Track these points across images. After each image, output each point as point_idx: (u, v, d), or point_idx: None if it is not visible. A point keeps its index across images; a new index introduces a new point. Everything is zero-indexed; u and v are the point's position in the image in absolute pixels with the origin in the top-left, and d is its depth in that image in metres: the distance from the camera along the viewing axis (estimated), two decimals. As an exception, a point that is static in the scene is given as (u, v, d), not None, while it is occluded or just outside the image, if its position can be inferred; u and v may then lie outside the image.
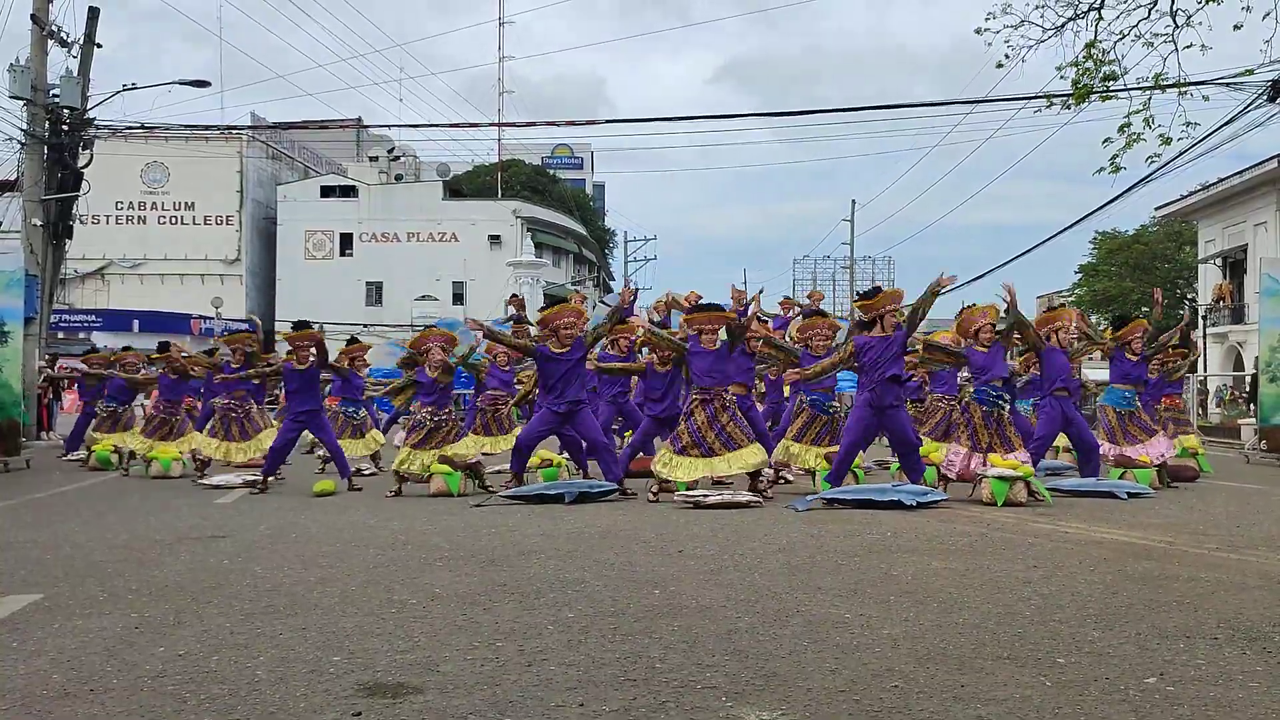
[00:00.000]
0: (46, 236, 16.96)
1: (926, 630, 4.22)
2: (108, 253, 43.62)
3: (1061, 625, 4.31)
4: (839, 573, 5.53)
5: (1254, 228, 30.51)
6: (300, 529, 7.43)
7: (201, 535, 7.10)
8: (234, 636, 4.17)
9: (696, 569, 5.66)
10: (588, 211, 56.70)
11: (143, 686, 3.52)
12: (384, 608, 4.69)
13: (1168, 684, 3.49)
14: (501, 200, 47.29)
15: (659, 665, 3.72)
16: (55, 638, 4.19)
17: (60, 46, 17.29)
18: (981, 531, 7.16)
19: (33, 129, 16.91)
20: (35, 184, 16.90)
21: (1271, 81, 14.69)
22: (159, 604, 4.81)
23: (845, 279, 57.81)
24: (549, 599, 4.87)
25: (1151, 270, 41.16)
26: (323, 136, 48.89)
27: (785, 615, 4.50)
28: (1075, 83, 10.54)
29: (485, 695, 3.40)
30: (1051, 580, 5.30)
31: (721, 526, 7.41)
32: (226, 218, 45.30)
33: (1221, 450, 17.37)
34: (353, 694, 3.42)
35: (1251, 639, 4.08)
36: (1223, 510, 8.63)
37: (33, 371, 16.67)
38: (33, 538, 7.15)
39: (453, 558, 6.09)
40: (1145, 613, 4.55)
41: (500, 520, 7.85)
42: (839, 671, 3.64)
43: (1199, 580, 5.32)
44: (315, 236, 46.36)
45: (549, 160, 58.96)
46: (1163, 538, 6.86)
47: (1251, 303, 28.30)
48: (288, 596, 4.96)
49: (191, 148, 41.63)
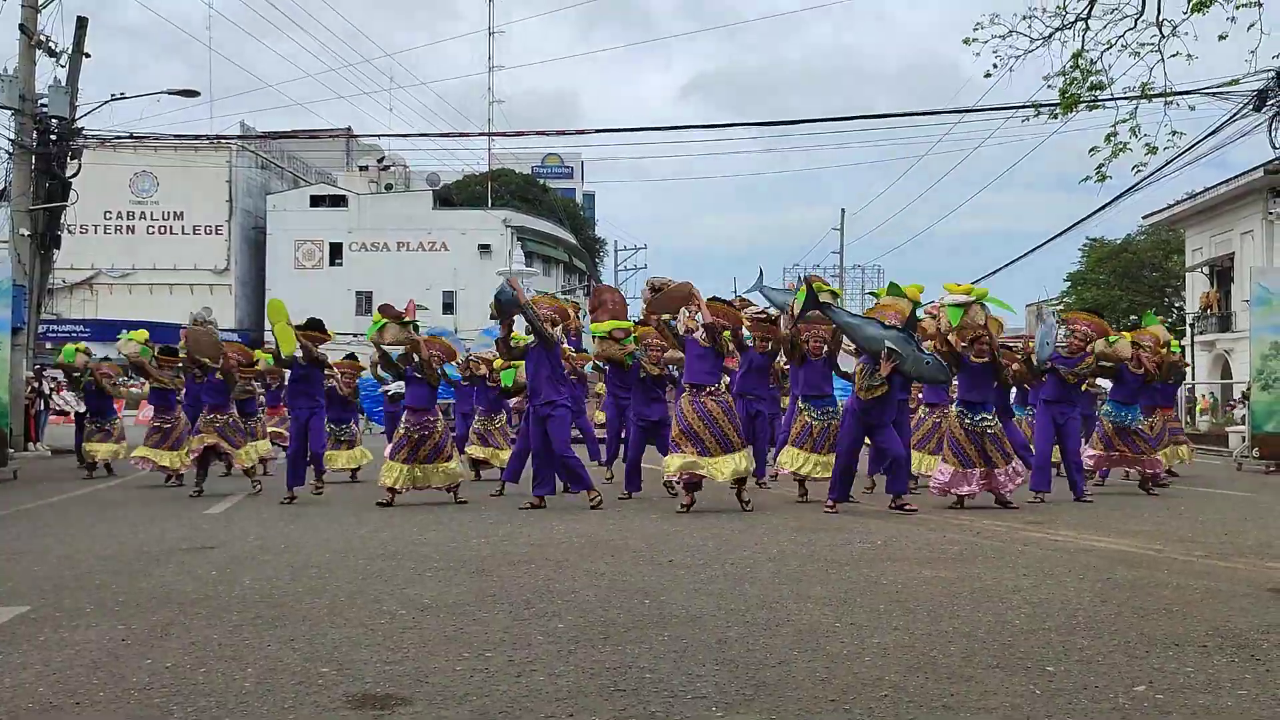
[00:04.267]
0: (34, 246, 16.90)
1: (916, 639, 4.22)
2: (96, 262, 43.51)
3: (1051, 633, 4.31)
4: (829, 581, 5.53)
5: (1241, 236, 30.64)
6: (289, 540, 7.40)
7: (190, 546, 7.07)
8: (222, 648, 4.15)
9: (686, 578, 5.66)
10: (578, 221, 56.71)
11: (130, 699, 3.50)
12: (373, 618, 4.67)
13: (1157, 692, 3.50)
14: (492, 209, 47.29)
15: (649, 675, 3.71)
16: (42, 650, 4.16)
17: (49, 56, 17.25)
18: (971, 540, 7.17)
19: (21, 139, 16.86)
20: (23, 194, 16.85)
21: (1256, 91, 14.81)
22: (146, 616, 4.78)
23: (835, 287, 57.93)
24: (538, 609, 4.85)
25: (1139, 278, 41.35)
26: (312, 146, 48.90)
27: (775, 624, 4.50)
28: (1063, 92, 10.60)
29: (475, 706, 3.38)
30: (1041, 588, 5.31)
31: (711, 535, 7.40)
32: (216, 227, 45.21)
33: (1209, 458, 17.45)
34: (341, 705, 3.41)
35: (1240, 646, 4.09)
36: (1211, 518, 8.66)
37: (20, 382, 16.59)
38: (20, 549, 7.11)
39: (442, 568, 6.07)
40: (1134, 620, 4.56)
41: (490, 530, 7.83)
42: (829, 681, 3.63)
43: (1188, 588, 5.33)
44: (305, 246, 46.30)
45: (539, 169, 59.01)
46: (1152, 545, 6.88)
47: (1239, 311, 28.43)
48: (276, 607, 4.94)
49: (180, 157, 41.59)
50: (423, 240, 46.08)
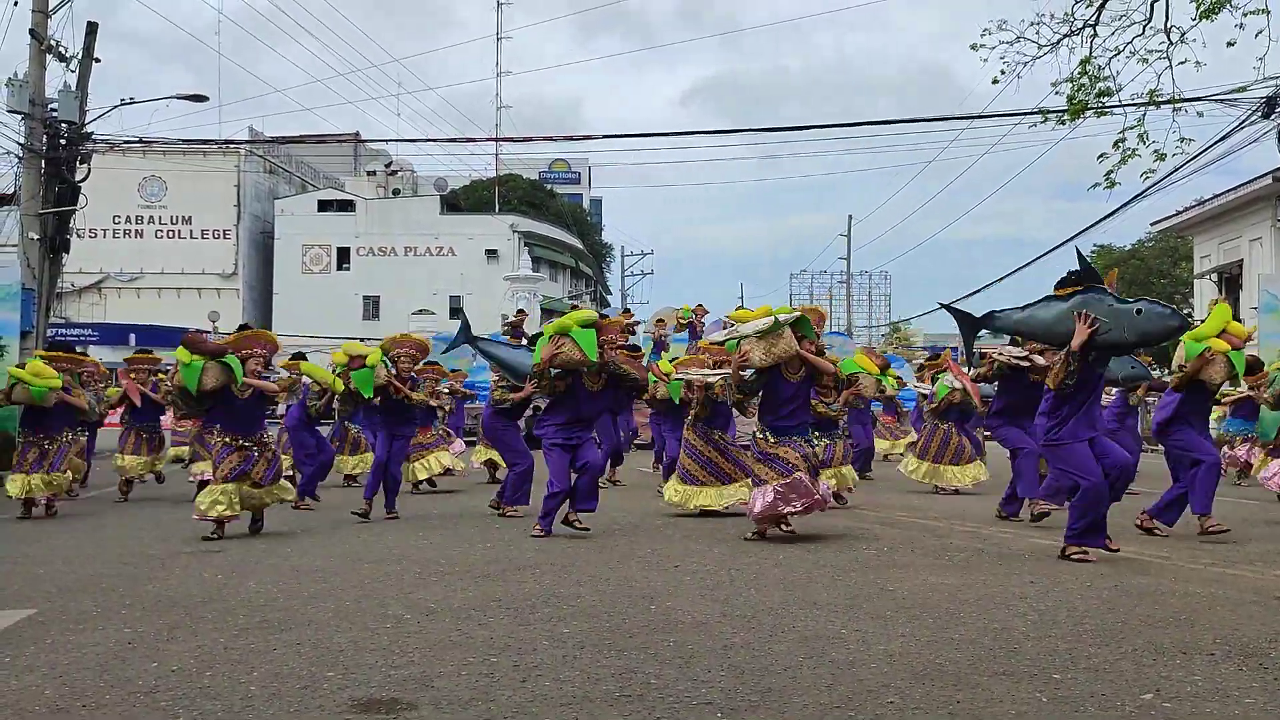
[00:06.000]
0: (43, 250, 16.94)
1: (923, 646, 4.21)
2: (105, 266, 43.59)
3: (1058, 641, 4.30)
4: (835, 588, 5.52)
5: (1249, 243, 30.54)
6: (295, 544, 7.41)
7: (195, 550, 7.08)
8: (227, 652, 4.15)
9: (692, 584, 5.65)
10: (585, 226, 56.71)
11: (136, 702, 3.50)
12: (378, 623, 4.68)
13: (1164, 700, 3.48)
14: (499, 215, 47.34)
15: (654, 681, 3.71)
16: (48, 653, 4.17)
17: (59, 61, 17.30)
18: (978, 547, 7.15)
19: (30, 143, 16.92)
20: (33, 198, 16.89)
21: (1265, 98, 14.77)
22: (152, 619, 4.79)
23: (842, 293, 57.93)
24: (544, 614, 4.85)
25: (1148, 285, 41.23)
26: (320, 151, 48.93)
27: (781, 631, 4.49)
28: (1070, 98, 10.58)
29: (479, 710, 3.38)
30: (1048, 595, 5.29)
31: (718, 542, 7.40)
32: (224, 232, 45.30)
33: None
34: (346, 709, 3.41)
35: (1248, 655, 4.07)
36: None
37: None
38: (26, 552, 7.13)
39: (447, 572, 6.07)
40: (1141, 628, 4.54)
41: (495, 535, 7.84)
42: (835, 687, 3.63)
43: (1195, 596, 5.31)
44: (312, 250, 46.37)
45: (546, 175, 59.06)
46: (1159, 553, 6.85)
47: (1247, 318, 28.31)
48: (282, 612, 4.94)
49: (189, 162, 41.67)
50: (430, 245, 46.13)
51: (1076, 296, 6.55)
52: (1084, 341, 6.36)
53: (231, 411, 8.09)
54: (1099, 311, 6.39)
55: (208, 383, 7.93)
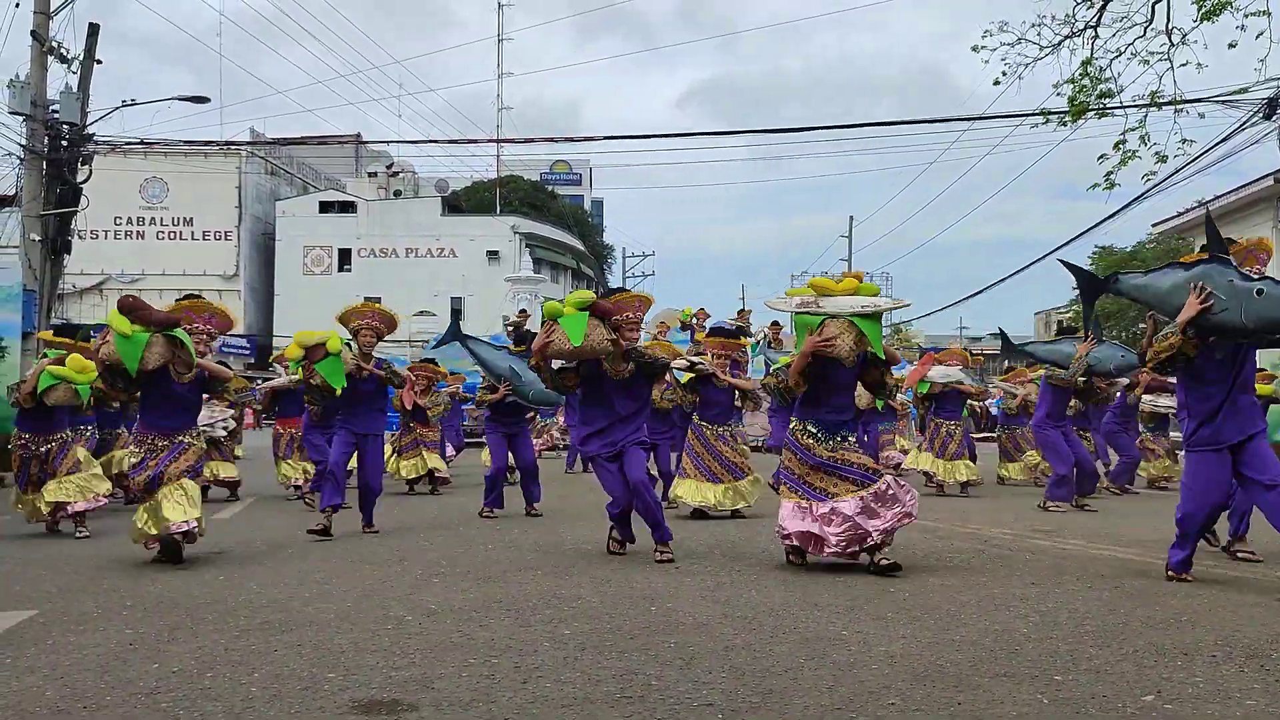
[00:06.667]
0: (45, 251, 16.95)
1: (924, 647, 4.21)
2: (106, 268, 43.64)
3: (1059, 642, 4.30)
4: (836, 589, 5.52)
5: (1250, 244, 30.54)
6: (296, 545, 7.41)
7: (196, 551, 7.08)
8: (228, 653, 4.15)
9: (693, 585, 5.65)
10: (586, 227, 56.72)
11: (137, 703, 3.51)
12: (379, 624, 4.68)
13: (1165, 701, 3.48)
14: (500, 216, 47.36)
15: (655, 683, 3.71)
16: (49, 654, 4.17)
17: (60, 63, 17.31)
18: (979, 548, 7.15)
19: (32, 144, 16.94)
20: (34, 199, 16.90)
21: (1266, 99, 14.76)
22: (153, 620, 4.79)
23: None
24: (545, 615, 4.85)
25: (1148, 287, 41.14)
26: (321, 152, 48.96)
27: (782, 632, 4.49)
28: (1072, 99, 10.59)
29: (480, 712, 3.38)
30: (1049, 597, 5.29)
31: (719, 542, 7.40)
32: (225, 233, 45.35)
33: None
34: (347, 711, 3.41)
35: (1249, 656, 4.07)
36: (1219, 527, 8.60)
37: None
38: (26, 553, 7.13)
39: (449, 573, 6.07)
40: (1142, 630, 4.54)
41: (497, 535, 7.84)
42: (836, 689, 3.62)
43: (1196, 597, 5.31)
44: (314, 252, 46.41)
45: (547, 176, 59.08)
46: (1160, 554, 6.84)
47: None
48: (283, 613, 4.94)
49: (190, 163, 41.73)
50: (431, 246, 46.17)
51: (1199, 266, 5.68)
52: (1191, 317, 5.52)
53: (168, 399, 6.51)
54: (1217, 286, 5.49)
55: (150, 361, 6.30)
